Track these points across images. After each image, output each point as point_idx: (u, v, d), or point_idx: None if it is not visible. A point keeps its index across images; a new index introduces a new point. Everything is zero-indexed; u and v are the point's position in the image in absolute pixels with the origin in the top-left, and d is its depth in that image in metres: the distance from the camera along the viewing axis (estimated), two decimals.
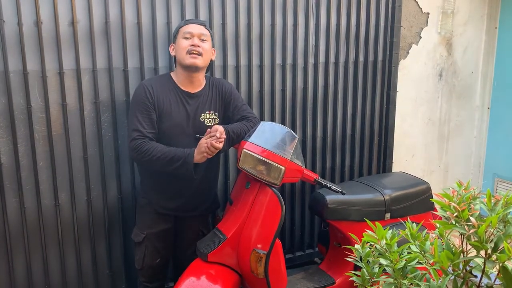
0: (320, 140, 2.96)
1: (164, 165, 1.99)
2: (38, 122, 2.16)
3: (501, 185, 3.77)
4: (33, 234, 2.23)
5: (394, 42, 3.06)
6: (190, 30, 2.08)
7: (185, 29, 2.09)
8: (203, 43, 2.09)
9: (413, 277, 1.15)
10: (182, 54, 2.06)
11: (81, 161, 2.28)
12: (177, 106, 2.10)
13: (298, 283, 2.46)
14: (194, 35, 2.08)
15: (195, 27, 2.10)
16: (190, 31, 2.08)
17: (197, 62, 2.06)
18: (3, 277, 2.21)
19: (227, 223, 2.12)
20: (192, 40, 2.07)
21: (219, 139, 1.94)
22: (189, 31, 2.08)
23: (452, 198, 1.16)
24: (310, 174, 2.22)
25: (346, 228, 2.36)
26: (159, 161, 1.98)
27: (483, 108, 3.83)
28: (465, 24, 3.59)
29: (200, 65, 2.09)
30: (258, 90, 2.68)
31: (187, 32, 2.08)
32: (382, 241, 1.22)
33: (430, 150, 3.65)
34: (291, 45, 2.73)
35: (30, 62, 2.09)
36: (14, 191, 2.16)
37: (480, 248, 1.06)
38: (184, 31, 2.08)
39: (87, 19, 2.18)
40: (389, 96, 3.14)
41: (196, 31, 2.08)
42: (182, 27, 2.11)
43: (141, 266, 2.22)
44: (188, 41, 2.07)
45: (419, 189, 2.61)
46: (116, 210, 2.40)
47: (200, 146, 1.98)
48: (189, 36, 2.07)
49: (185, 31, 2.08)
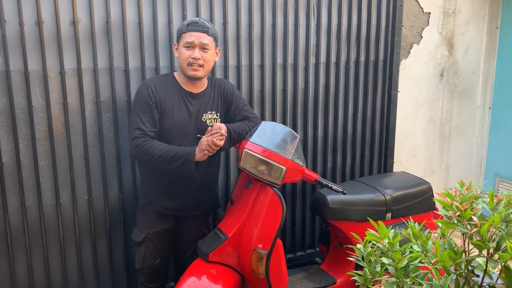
0: (321, 140, 2.96)
1: (166, 163, 1.99)
2: (39, 122, 2.16)
3: (502, 185, 3.76)
4: (34, 234, 2.24)
5: (395, 42, 3.06)
6: (192, 40, 2.02)
7: (186, 38, 2.03)
8: (205, 53, 2.05)
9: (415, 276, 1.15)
10: (184, 64, 2.05)
11: (82, 160, 2.28)
12: (180, 105, 2.10)
13: (299, 283, 2.46)
14: (195, 45, 2.03)
15: (197, 35, 2.03)
16: (191, 41, 2.02)
17: (198, 74, 2.06)
18: (4, 276, 2.21)
19: (228, 223, 2.12)
20: (193, 51, 2.03)
21: (220, 136, 1.95)
22: (190, 42, 2.03)
23: (454, 197, 1.15)
24: (311, 174, 2.21)
25: (347, 228, 2.36)
26: (160, 160, 1.98)
27: (484, 108, 3.83)
28: (466, 24, 3.59)
29: (201, 76, 2.09)
30: (259, 90, 2.68)
31: (188, 42, 2.03)
32: (384, 240, 1.22)
33: (431, 150, 3.65)
34: (292, 45, 2.73)
35: (31, 62, 2.09)
36: (15, 190, 2.16)
37: (482, 247, 1.06)
38: (185, 40, 2.03)
39: (88, 19, 2.18)
40: (390, 96, 3.14)
41: (198, 41, 2.02)
42: (184, 34, 2.04)
43: (141, 266, 2.21)
44: (189, 52, 2.03)
45: (420, 189, 2.60)
46: (117, 210, 2.40)
47: (201, 143, 1.98)
48: (190, 46, 2.03)
49: (186, 41, 2.03)
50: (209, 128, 2.06)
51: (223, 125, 2.01)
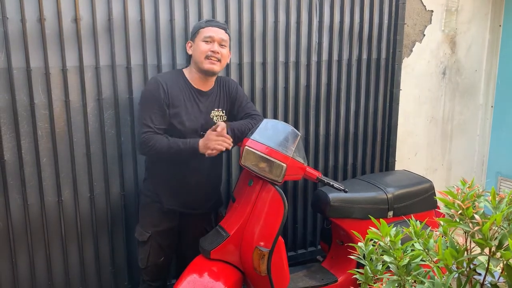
0: (323, 138, 2.95)
1: (171, 156, 2.03)
2: (41, 119, 2.17)
3: (504, 184, 3.76)
4: (36, 231, 2.24)
5: (398, 40, 3.05)
6: (212, 35, 2.06)
7: (206, 32, 2.06)
8: (222, 49, 2.08)
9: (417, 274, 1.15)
10: (201, 58, 2.06)
11: (84, 158, 2.28)
12: (190, 103, 2.11)
13: (300, 281, 2.46)
14: (215, 40, 2.06)
15: (216, 31, 2.07)
16: (211, 35, 2.06)
17: (215, 68, 2.08)
18: (6, 273, 2.22)
19: (230, 221, 2.12)
20: (212, 45, 2.05)
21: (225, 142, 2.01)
22: (210, 36, 2.06)
23: (457, 196, 1.15)
24: (312, 172, 2.21)
25: (348, 226, 2.36)
26: (165, 154, 2.02)
27: (486, 106, 3.82)
28: (469, 22, 3.58)
29: (217, 71, 2.11)
30: (261, 87, 2.67)
31: (208, 36, 2.06)
32: (386, 238, 1.22)
33: (433, 148, 3.64)
34: (294, 43, 2.73)
35: (33, 59, 2.09)
36: (17, 187, 2.17)
37: (484, 246, 1.05)
38: (205, 35, 2.06)
39: (90, 16, 2.18)
40: (392, 94, 3.14)
41: (217, 36, 2.06)
42: (203, 29, 2.07)
43: (145, 265, 2.21)
44: (208, 46, 2.05)
45: (422, 187, 2.60)
46: (119, 207, 2.41)
47: (205, 140, 2.01)
48: (209, 40, 2.06)
49: (206, 35, 2.06)
50: (213, 127, 2.07)
51: (222, 124, 2.04)
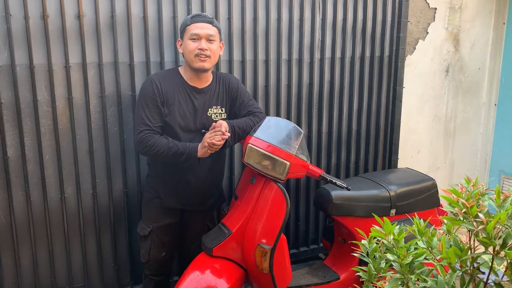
0: (326, 135, 2.95)
1: (169, 158, 2.02)
2: (44, 116, 2.17)
3: (507, 182, 3.75)
4: (39, 227, 2.25)
5: (401, 37, 3.04)
6: (198, 32, 2.03)
7: (192, 30, 2.04)
8: (211, 44, 2.06)
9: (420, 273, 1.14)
10: (190, 56, 2.05)
11: (86, 155, 2.28)
12: (185, 100, 2.10)
13: (302, 278, 2.46)
14: (201, 37, 2.03)
15: (202, 26, 2.04)
16: (197, 32, 2.03)
17: (205, 65, 2.06)
18: (9, 269, 2.23)
19: (232, 218, 2.12)
20: (199, 43, 2.03)
21: (223, 135, 1.96)
22: (196, 33, 2.03)
23: (460, 194, 1.15)
24: (315, 170, 2.21)
25: (351, 223, 2.36)
26: (163, 155, 2.01)
27: (489, 104, 3.81)
28: (472, 20, 3.56)
29: (209, 67, 2.09)
30: (263, 85, 2.67)
31: (194, 34, 2.03)
32: (389, 237, 1.21)
33: (436, 146, 3.63)
34: (297, 40, 2.72)
35: (36, 56, 2.10)
36: (20, 184, 2.17)
37: (488, 244, 1.05)
38: (192, 32, 2.04)
39: (93, 13, 2.17)
40: (395, 92, 3.13)
41: (203, 33, 2.03)
42: (189, 26, 2.05)
43: (146, 260, 2.23)
44: (196, 44, 2.03)
45: (424, 185, 2.60)
46: (121, 204, 2.41)
47: (204, 141, 2.00)
48: (196, 38, 2.04)
49: (193, 33, 2.03)
50: (213, 124, 2.06)
51: (224, 123, 2.01)
